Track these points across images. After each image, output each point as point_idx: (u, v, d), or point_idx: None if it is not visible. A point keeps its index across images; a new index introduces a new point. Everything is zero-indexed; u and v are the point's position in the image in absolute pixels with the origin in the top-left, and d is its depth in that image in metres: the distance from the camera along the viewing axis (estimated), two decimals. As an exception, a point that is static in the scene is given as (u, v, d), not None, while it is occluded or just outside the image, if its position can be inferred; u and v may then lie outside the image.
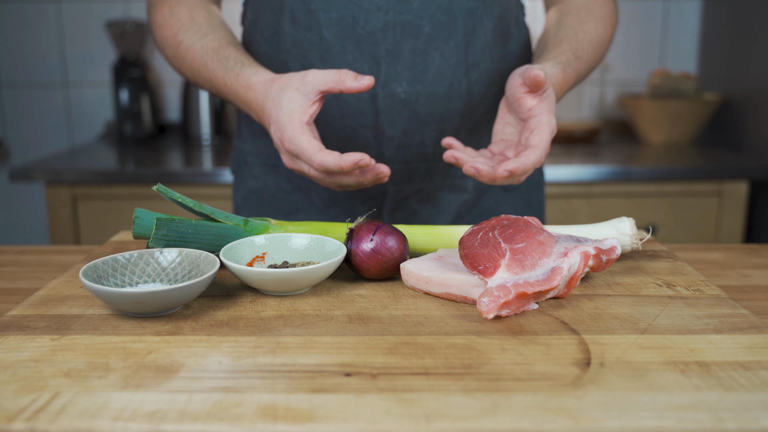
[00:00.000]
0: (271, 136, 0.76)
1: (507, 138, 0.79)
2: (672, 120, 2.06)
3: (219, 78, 0.82)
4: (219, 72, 0.82)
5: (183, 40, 0.86)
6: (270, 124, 0.75)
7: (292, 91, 0.73)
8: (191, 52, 0.85)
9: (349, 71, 0.73)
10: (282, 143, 0.73)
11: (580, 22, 0.89)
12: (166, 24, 0.87)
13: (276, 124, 0.73)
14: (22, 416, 0.42)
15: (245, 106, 0.81)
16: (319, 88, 0.73)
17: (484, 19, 0.88)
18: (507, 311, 0.57)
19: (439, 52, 0.86)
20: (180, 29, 0.86)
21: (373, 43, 0.85)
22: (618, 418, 0.42)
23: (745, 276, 0.80)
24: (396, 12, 0.85)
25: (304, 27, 0.87)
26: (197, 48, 0.84)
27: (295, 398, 0.44)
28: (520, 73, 0.74)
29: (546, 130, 0.72)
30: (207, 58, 0.83)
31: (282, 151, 0.74)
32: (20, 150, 2.34)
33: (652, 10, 2.27)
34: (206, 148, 2.10)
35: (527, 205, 1.00)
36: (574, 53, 0.85)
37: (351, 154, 0.69)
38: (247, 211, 1.00)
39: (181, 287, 0.56)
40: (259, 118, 0.79)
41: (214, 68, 0.82)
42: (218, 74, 0.82)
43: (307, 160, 0.71)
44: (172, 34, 0.87)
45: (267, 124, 0.76)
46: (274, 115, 0.74)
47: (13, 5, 2.24)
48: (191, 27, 0.86)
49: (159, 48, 0.91)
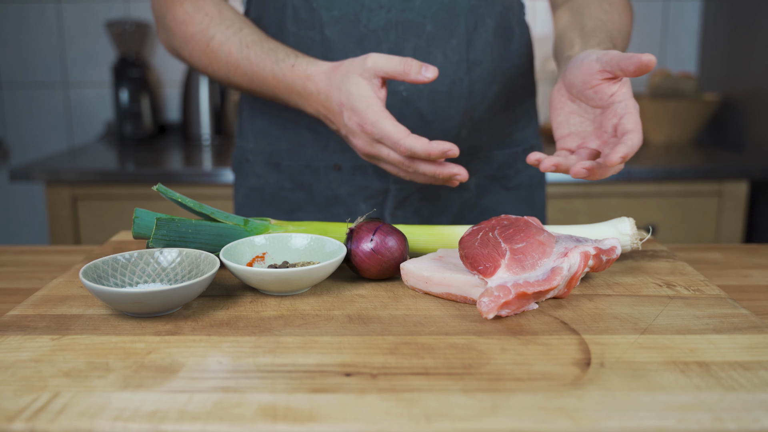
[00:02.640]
0: (341, 123, 0.74)
1: (576, 129, 0.74)
2: (672, 120, 2.06)
3: (267, 70, 0.79)
4: (266, 64, 0.79)
5: (215, 35, 0.82)
6: (341, 111, 0.73)
7: (357, 78, 0.72)
8: (226, 47, 0.81)
9: (414, 60, 0.71)
10: (363, 128, 0.71)
11: (605, 12, 0.86)
12: (192, 20, 0.84)
13: (351, 110, 0.72)
14: (22, 416, 0.42)
15: (300, 98, 0.78)
16: (380, 74, 0.72)
17: (486, 18, 0.88)
18: (507, 311, 0.57)
19: (441, 50, 0.87)
20: (210, 24, 0.83)
21: (375, 42, 0.85)
22: (618, 418, 0.42)
23: (745, 276, 0.80)
24: (398, 10, 0.85)
25: (307, 25, 0.87)
26: (234, 42, 0.81)
27: (295, 398, 0.44)
28: (597, 59, 0.69)
29: (636, 113, 0.70)
30: (249, 51, 0.80)
31: (358, 135, 0.73)
32: (20, 150, 2.34)
33: (652, 10, 2.27)
34: (206, 148, 2.10)
35: (529, 204, 1.00)
36: (612, 42, 0.80)
37: (440, 143, 0.69)
38: (249, 209, 1.00)
39: (181, 287, 0.56)
40: (322, 108, 0.76)
41: (260, 61, 0.79)
42: (265, 67, 0.79)
43: (393, 144, 0.70)
44: (201, 29, 0.83)
45: (335, 112, 0.74)
46: (346, 103, 0.72)
47: (13, 5, 2.24)
48: (222, 21, 0.83)
49: (178, 45, 0.87)
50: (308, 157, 0.94)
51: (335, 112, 0.75)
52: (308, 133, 0.92)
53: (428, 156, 0.69)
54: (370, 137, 0.72)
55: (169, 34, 0.88)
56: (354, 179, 0.93)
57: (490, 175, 0.97)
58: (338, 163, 0.92)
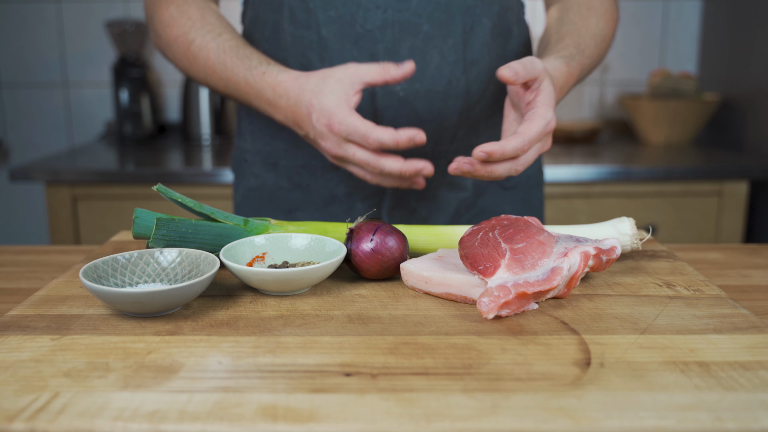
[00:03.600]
0: (309, 126, 0.75)
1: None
2: (672, 120, 2.06)
3: (240, 76, 0.80)
4: (240, 70, 0.80)
5: (195, 39, 0.84)
6: (310, 113, 0.74)
7: (334, 82, 0.73)
8: (205, 51, 0.83)
9: (389, 63, 0.73)
10: (331, 127, 0.72)
11: (581, 17, 0.89)
12: (175, 23, 0.85)
13: (320, 111, 0.72)
14: (22, 416, 0.42)
15: (268, 105, 0.79)
16: (364, 80, 0.73)
17: (483, 18, 0.89)
18: (507, 311, 0.57)
19: (437, 50, 0.87)
20: (191, 28, 0.84)
21: (371, 41, 0.85)
22: (618, 418, 0.42)
23: (745, 276, 0.80)
24: (394, 10, 0.85)
25: (303, 25, 0.87)
26: (212, 47, 0.83)
27: (295, 398, 0.44)
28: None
29: (538, 121, 0.71)
30: (225, 56, 0.81)
31: (326, 137, 0.73)
32: (20, 150, 2.34)
33: (652, 10, 2.27)
34: (206, 148, 2.10)
35: (526, 204, 1.00)
36: (577, 47, 0.84)
37: (406, 130, 0.70)
38: (247, 209, 1.00)
39: (181, 287, 0.56)
40: (290, 114, 0.77)
41: (234, 66, 0.81)
42: (239, 73, 0.80)
43: (362, 138, 0.71)
44: (183, 32, 0.85)
45: (304, 114, 0.75)
46: (316, 104, 0.73)
47: (13, 5, 2.24)
48: (203, 26, 0.84)
49: (163, 47, 0.89)
50: (305, 157, 0.94)
51: (303, 114, 0.75)
52: None
53: (396, 145, 0.70)
54: (338, 137, 0.72)
55: (156, 35, 0.90)
56: (351, 179, 0.93)
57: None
58: None
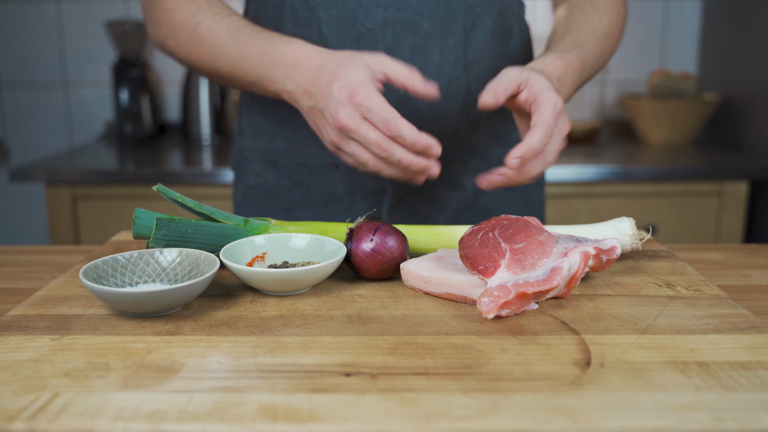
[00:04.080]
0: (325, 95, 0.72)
1: None
2: (672, 120, 2.06)
3: (255, 48, 0.78)
4: (256, 42, 0.78)
5: (203, 21, 0.83)
6: (332, 81, 0.71)
7: (362, 62, 0.72)
8: (214, 31, 0.81)
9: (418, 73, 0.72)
10: (353, 98, 0.70)
11: (584, 14, 0.88)
12: (180, 8, 0.84)
13: (345, 80, 0.70)
14: (22, 416, 0.42)
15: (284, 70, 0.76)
16: (388, 73, 0.71)
17: (484, 16, 0.89)
18: (507, 311, 0.57)
19: (438, 48, 0.87)
20: (198, 11, 0.83)
21: (372, 40, 0.86)
22: (618, 418, 0.42)
23: (745, 276, 0.80)
24: (395, 9, 0.85)
25: (304, 24, 0.87)
26: (222, 26, 0.81)
27: (295, 398, 0.44)
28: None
29: (544, 106, 0.69)
30: (238, 33, 0.80)
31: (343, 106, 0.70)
32: (20, 150, 2.34)
33: (652, 10, 2.27)
34: (206, 148, 2.10)
35: (527, 203, 1.00)
36: (575, 43, 0.83)
37: (428, 136, 0.69)
38: (248, 207, 1.00)
39: (181, 287, 0.56)
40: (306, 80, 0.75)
41: (248, 40, 0.79)
42: (255, 45, 0.79)
43: (383, 121, 0.68)
44: (188, 16, 0.83)
45: (324, 81, 0.72)
46: (342, 74, 0.71)
47: (13, 5, 2.24)
48: (210, 9, 0.83)
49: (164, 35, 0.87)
50: (306, 155, 0.94)
51: (324, 81, 0.73)
52: (306, 131, 0.92)
53: (413, 145, 0.69)
54: (356, 109, 0.70)
55: (156, 24, 0.88)
56: (351, 177, 0.93)
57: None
58: (335, 161, 0.92)
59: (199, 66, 0.86)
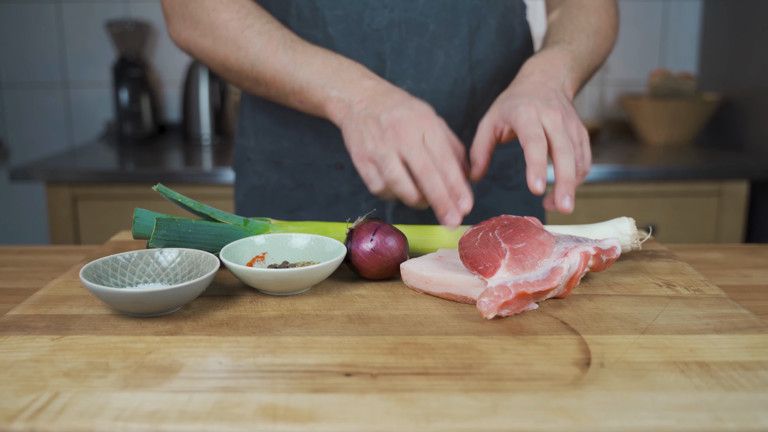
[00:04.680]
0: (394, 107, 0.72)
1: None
2: (672, 120, 2.06)
3: (317, 59, 0.78)
4: (318, 55, 0.79)
5: (254, 24, 0.82)
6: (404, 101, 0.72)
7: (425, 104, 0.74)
8: (266, 36, 0.81)
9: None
10: (421, 120, 0.70)
11: (570, 17, 0.89)
12: (227, 8, 0.83)
13: (416, 105, 0.72)
14: (22, 416, 0.42)
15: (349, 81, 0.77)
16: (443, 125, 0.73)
17: (489, 18, 0.89)
18: (507, 311, 0.57)
19: (443, 49, 0.87)
20: (248, 14, 0.82)
21: (378, 41, 0.86)
22: (618, 418, 0.42)
23: (745, 276, 0.80)
24: (401, 9, 0.85)
25: (310, 24, 0.87)
26: (276, 34, 0.81)
27: (295, 398, 0.44)
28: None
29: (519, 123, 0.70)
30: (294, 44, 0.80)
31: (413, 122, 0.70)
32: (20, 150, 2.34)
33: (652, 10, 2.27)
34: (206, 148, 2.10)
35: (528, 204, 1.01)
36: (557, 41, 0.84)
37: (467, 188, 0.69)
38: (250, 208, 1.00)
39: (181, 287, 0.56)
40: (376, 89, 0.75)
41: (308, 51, 0.79)
42: (316, 56, 0.78)
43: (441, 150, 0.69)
44: (238, 17, 0.82)
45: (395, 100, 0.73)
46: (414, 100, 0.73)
47: (13, 5, 2.24)
48: (261, 16, 0.83)
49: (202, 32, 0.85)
50: (310, 156, 0.94)
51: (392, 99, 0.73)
52: (310, 132, 0.92)
53: (452, 188, 0.69)
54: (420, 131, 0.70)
55: (190, 21, 0.85)
56: (356, 178, 0.93)
57: (490, 175, 0.97)
58: (340, 161, 0.92)
59: (236, 67, 0.84)
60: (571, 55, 0.82)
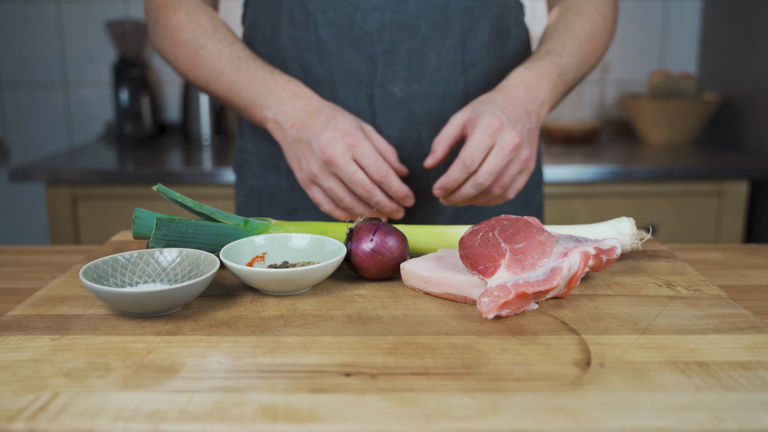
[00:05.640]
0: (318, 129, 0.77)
1: None
2: (672, 120, 2.06)
3: (256, 79, 0.83)
4: (257, 72, 0.83)
5: (206, 44, 0.86)
6: (329, 121, 0.77)
7: (354, 117, 0.80)
8: (216, 56, 0.85)
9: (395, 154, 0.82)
10: (346, 138, 0.76)
11: (565, 22, 0.90)
12: (185, 28, 0.88)
13: (342, 123, 0.77)
14: (22, 416, 0.42)
15: (281, 102, 0.81)
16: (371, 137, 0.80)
17: (482, 19, 0.89)
18: (507, 311, 0.57)
19: (435, 51, 0.87)
20: (203, 34, 0.87)
21: (369, 43, 0.86)
22: (618, 418, 0.42)
23: (745, 276, 0.80)
24: (392, 12, 0.85)
25: (302, 27, 0.87)
26: (225, 53, 0.85)
27: (295, 398, 0.44)
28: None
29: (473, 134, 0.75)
30: (239, 62, 0.84)
31: (338, 142, 0.76)
32: (20, 150, 2.34)
33: (652, 10, 2.27)
34: (206, 148, 2.10)
35: (525, 205, 1.00)
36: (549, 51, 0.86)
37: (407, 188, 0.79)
38: (249, 209, 1.00)
39: (181, 287, 0.56)
40: (302, 114, 0.80)
41: (249, 69, 0.83)
42: (255, 74, 0.83)
43: (375, 166, 0.76)
44: (193, 38, 0.87)
45: (321, 120, 0.78)
46: (339, 118, 0.78)
47: (13, 5, 2.24)
48: (215, 34, 0.87)
49: (166, 49, 0.91)
50: None
51: (319, 120, 0.78)
52: None
53: (395, 194, 0.78)
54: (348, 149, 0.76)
55: (159, 38, 0.92)
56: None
57: None
58: None
59: (195, 83, 0.90)
60: (558, 71, 0.84)
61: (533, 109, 0.80)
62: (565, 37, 0.87)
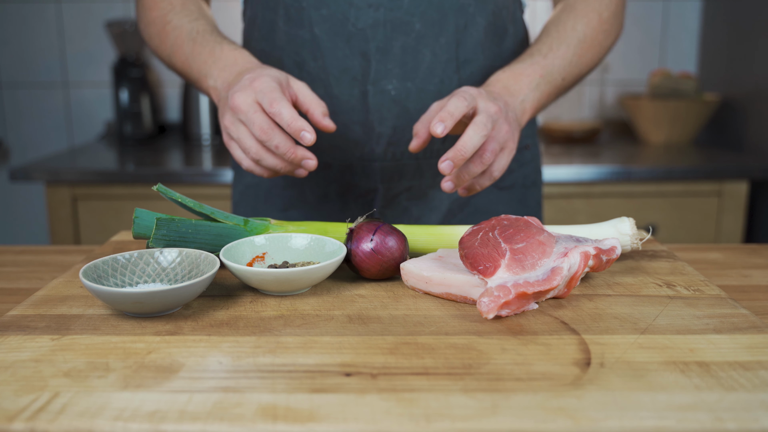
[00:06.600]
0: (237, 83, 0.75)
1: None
2: (672, 120, 2.06)
3: (207, 49, 0.84)
4: (208, 45, 0.84)
5: (172, 20, 0.89)
6: (245, 73, 0.76)
7: (283, 75, 0.76)
8: (178, 30, 0.88)
9: (325, 108, 0.78)
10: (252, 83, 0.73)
11: (557, 23, 0.89)
12: (156, 6, 0.91)
13: (255, 74, 0.74)
14: (22, 416, 0.42)
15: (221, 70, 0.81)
16: (298, 92, 0.77)
17: (477, 17, 0.88)
18: (507, 311, 0.57)
19: (429, 49, 0.87)
20: (170, 11, 0.90)
21: (363, 40, 0.86)
22: (618, 418, 0.42)
23: (745, 276, 0.80)
24: (386, 9, 0.85)
25: (297, 24, 0.87)
26: (186, 28, 0.87)
27: (295, 398, 0.44)
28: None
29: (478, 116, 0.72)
30: (197, 36, 0.86)
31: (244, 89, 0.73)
32: (20, 150, 2.34)
33: (652, 10, 2.27)
34: (206, 148, 2.10)
35: (522, 204, 1.00)
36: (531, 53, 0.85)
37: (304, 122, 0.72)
38: (245, 206, 1.01)
39: (181, 287, 0.56)
40: (230, 76, 0.79)
41: (204, 42, 0.85)
42: (207, 46, 0.84)
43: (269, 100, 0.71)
44: (161, 14, 0.90)
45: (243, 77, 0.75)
46: (257, 71, 0.75)
47: (13, 5, 2.24)
48: (182, 11, 0.90)
49: (143, 28, 0.95)
50: None
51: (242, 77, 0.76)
52: None
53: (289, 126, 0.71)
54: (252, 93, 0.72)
55: (138, 17, 0.96)
56: (343, 177, 0.93)
57: None
58: (327, 161, 0.92)
59: (161, 59, 0.93)
60: (541, 71, 0.83)
61: (512, 102, 0.79)
62: (554, 38, 0.87)
